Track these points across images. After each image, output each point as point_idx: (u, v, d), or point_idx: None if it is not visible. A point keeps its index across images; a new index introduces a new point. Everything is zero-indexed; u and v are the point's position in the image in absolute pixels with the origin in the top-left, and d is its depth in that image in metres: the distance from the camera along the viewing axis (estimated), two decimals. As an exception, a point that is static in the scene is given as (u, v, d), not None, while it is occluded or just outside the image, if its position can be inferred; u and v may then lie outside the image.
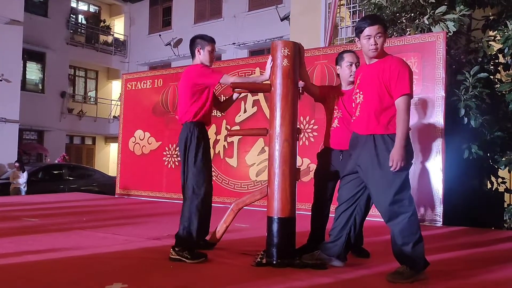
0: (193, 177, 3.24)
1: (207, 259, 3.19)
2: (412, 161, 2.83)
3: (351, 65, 3.35)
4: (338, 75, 3.50)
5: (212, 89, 3.39)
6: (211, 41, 3.47)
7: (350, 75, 3.35)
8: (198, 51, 3.44)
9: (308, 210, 3.47)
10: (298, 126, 3.28)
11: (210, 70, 3.39)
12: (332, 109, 3.41)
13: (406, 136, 2.70)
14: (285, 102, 3.18)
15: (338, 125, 3.34)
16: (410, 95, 2.74)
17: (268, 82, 3.29)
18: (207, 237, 3.52)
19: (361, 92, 2.94)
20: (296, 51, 3.26)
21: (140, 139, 8.24)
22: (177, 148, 3.27)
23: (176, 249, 3.19)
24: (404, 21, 6.69)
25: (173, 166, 7.70)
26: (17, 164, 11.28)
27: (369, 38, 2.81)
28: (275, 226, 3.15)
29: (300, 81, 3.26)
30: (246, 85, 3.49)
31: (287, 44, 3.25)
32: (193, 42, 3.49)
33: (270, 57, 3.26)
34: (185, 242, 3.20)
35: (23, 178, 11.02)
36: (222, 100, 3.75)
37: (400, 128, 2.71)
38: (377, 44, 2.81)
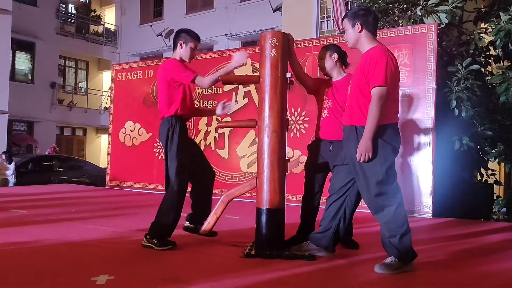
0: (174, 170, 3.29)
1: (176, 247, 3.23)
2: (396, 152, 2.81)
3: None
4: None
5: (188, 85, 3.36)
6: (195, 38, 3.45)
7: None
8: (181, 44, 3.42)
9: (299, 202, 3.45)
10: (288, 117, 3.26)
11: (184, 67, 3.33)
12: (323, 100, 3.39)
13: (374, 127, 2.67)
14: (274, 92, 3.15)
15: (327, 115, 3.31)
16: (383, 87, 2.67)
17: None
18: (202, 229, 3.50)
19: (351, 83, 2.92)
20: (285, 42, 3.22)
21: (131, 130, 8.17)
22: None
23: (148, 236, 3.25)
24: (396, 12, 6.67)
25: (164, 158, 7.63)
26: (3, 155, 11.13)
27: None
28: (263, 218, 3.14)
29: (289, 72, 3.23)
30: (233, 78, 3.49)
31: (275, 34, 3.21)
32: (178, 35, 3.47)
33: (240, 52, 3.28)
34: (158, 231, 3.26)
35: (10, 169, 10.89)
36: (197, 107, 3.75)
37: (369, 119, 2.68)
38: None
